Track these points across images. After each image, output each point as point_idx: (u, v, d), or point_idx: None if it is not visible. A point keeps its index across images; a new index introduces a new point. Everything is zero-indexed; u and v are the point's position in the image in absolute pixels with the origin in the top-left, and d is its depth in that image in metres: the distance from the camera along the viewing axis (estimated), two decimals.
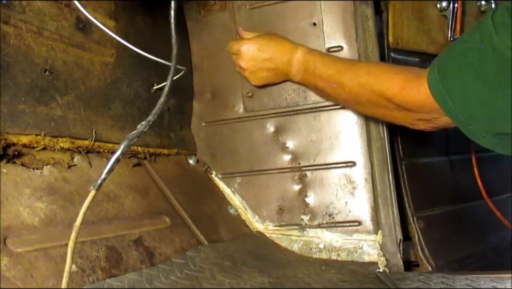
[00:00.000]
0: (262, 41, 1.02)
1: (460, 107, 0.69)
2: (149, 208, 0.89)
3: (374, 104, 0.86)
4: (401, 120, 0.85)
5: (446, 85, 0.70)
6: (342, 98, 0.96)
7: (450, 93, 0.70)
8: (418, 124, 0.83)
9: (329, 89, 0.94)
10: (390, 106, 0.83)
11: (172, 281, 0.72)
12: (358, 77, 0.88)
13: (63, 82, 0.83)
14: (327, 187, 1.07)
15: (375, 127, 1.01)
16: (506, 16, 0.60)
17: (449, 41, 1.14)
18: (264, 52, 1.02)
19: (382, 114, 0.89)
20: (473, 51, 0.66)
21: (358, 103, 0.91)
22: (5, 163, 0.70)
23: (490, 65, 0.63)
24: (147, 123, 0.59)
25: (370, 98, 0.86)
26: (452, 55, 0.72)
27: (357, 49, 1.03)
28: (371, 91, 0.85)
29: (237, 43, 1.05)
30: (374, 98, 0.85)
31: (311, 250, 1.06)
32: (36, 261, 0.62)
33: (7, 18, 0.73)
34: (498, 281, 0.82)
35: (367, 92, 0.86)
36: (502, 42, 0.60)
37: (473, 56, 0.66)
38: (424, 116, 0.79)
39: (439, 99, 0.72)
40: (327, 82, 0.93)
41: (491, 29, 0.62)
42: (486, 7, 1.18)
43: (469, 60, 0.67)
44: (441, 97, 0.71)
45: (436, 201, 1.16)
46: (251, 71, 1.05)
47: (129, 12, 0.99)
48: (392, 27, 1.07)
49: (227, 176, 1.16)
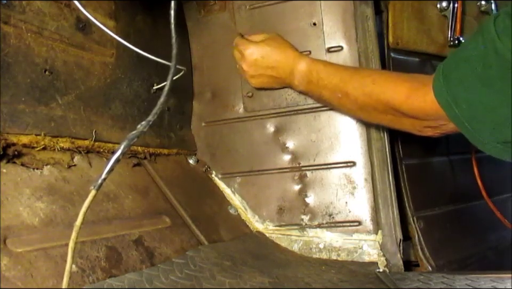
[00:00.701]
0: (266, 48, 1.02)
1: (466, 115, 0.70)
2: (149, 208, 0.89)
3: (381, 112, 0.86)
4: (408, 127, 0.85)
5: (452, 92, 0.71)
6: (347, 108, 0.96)
7: (456, 100, 0.70)
8: (425, 131, 0.83)
9: (334, 99, 0.94)
10: (397, 114, 0.83)
11: (171, 281, 0.72)
12: (363, 86, 0.88)
13: (63, 82, 0.83)
14: (327, 187, 1.07)
15: (375, 127, 1.01)
16: (507, 22, 0.61)
17: (449, 41, 1.14)
18: (268, 60, 1.01)
19: (389, 121, 0.89)
20: (477, 58, 0.66)
21: (364, 112, 0.91)
22: (5, 163, 0.70)
23: (494, 71, 0.63)
24: (147, 123, 0.59)
25: (376, 107, 0.86)
26: (455, 62, 0.72)
27: (357, 49, 1.03)
28: (377, 101, 0.85)
29: (242, 44, 1.04)
30: (380, 107, 0.85)
31: (311, 250, 1.06)
32: (36, 261, 0.62)
33: (7, 18, 0.73)
34: (498, 281, 0.81)
35: (373, 101, 0.86)
36: (505, 48, 0.60)
37: (477, 62, 0.66)
38: (431, 123, 0.79)
39: (445, 107, 0.72)
40: (332, 92, 0.94)
41: (493, 34, 0.62)
42: (486, 7, 1.18)
43: (473, 67, 0.67)
44: (447, 104, 0.72)
45: (436, 201, 1.16)
46: (251, 75, 1.05)
47: (129, 12, 0.99)
48: (392, 27, 1.07)
49: (227, 176, 1.16)
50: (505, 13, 0.62)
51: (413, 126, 0.84)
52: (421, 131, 0.84)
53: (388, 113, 0.85)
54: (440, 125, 0.78)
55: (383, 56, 1.07)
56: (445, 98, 0.72)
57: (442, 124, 0.77)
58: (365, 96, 0.87)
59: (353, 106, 0.92)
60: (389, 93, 0.83)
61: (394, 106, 0.82)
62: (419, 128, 0.83)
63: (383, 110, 0.85)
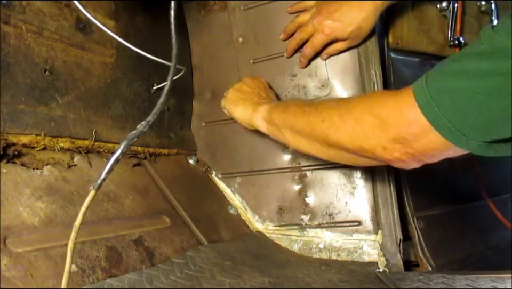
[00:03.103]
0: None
1: (449, 114, 0.63)
2: (149, 208, 0.89)
3: (346, 118, 0.76)
4: (371, 141, 0.72)
5: (434, 90, 0.64)
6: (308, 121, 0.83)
7: (439, 98, 0.64)
8: (392, 149, 0.71)
9: (300, 111, 0.86)
10: (364, 119, 0.73)
11: (171, 281, 0.72)
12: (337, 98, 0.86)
13: (63, 82, 0.83)
14: (327, 187, 1.07)
15: None
16: (506, 21, 0.60)
17: (449, 41, 1.14)
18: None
19: (351, 132, 0.75)
20: (471, 55, 0.63)
21: (326, 120, 0.79)
22: (5, 163, 0.70)
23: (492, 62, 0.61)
24: (147, 123, 0.59)
25: (344, 111, 0.77)
26: (444, 62, 0.67)
27: (357, 49, 1.03)
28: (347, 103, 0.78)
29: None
30: (348, 108, 0.77)
31: (311, 250, 1.06)
32: (36, 261, 0.62)
33: (7, 18, 0.73)
34: (498, 281, 0.81)
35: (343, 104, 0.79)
36: (502, 40, 0.59)
37: (470, 58, 0.62)
38: (401, 132, 0.68)
39: (424, 107, 0.65)
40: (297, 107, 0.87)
41: (491, 33, 0.62)
42: (486, 7, 1.17)
43: (465, 63, 0.63)
44: (427, 104, 0.64)
45: (436, 201, 1.16)
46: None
47: (129, 12, 0.99)
48: (392, 27, 1.07)
49: (227, 176, 1.16)
50: (505, 16, 0.61)
51: (379, 139, 0.71)
52: (386, 149, 0.71)
53: (352, 119, 0.75)
54: (413, 138, 0.67)
55: (383, 56, 1.07)
56: (424, 97, 0.65)
57: (416, 135, 0.67)
58: (337, 101, 0.83)
59: (316, 115, 0.81)
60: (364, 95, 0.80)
61: (365, 105, 0.74)
62: (385, 142, 0.70)
63: (349, 115, 0.75)
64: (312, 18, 1.00)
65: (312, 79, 1.08)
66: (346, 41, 1.00)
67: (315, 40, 1.00)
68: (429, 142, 0.67)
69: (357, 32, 0.97)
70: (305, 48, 1.03)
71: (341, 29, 0.97)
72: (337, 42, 1.01)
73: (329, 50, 1.03)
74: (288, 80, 1.10)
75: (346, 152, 0.79)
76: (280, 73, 1.11)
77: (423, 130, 0.66)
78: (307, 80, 1.08)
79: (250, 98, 1.00)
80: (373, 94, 0.80)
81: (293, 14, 1.08)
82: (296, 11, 1.07)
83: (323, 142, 0.81)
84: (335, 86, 1.06)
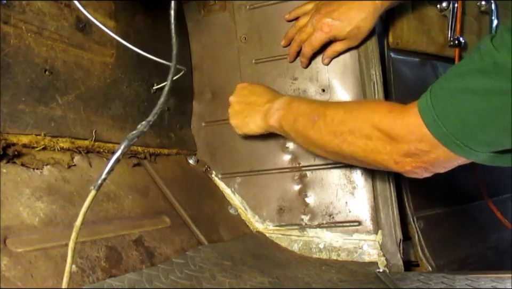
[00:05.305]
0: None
1: (455, 130, 0.65)
2: (149, 208, 0.89)
3: (356, 137, 0.79)
4: (383, 156, 0.77)
5: (440, 107, 0.66)
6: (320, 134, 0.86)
7: (445, 115, 0.66)
8: (403, 163, 0.75)
9: (309, 123, 0.88)
10: (373, 137, 0.76)
11: (171, 281, 0.72)
12: (344, 105, 0.88)
13: (63, 82, 0.83)
14: (327, 187, 1.07)
15: None
16: (506, 36, 0.60)
17: (449, 41, 1.14)
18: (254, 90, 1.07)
19: (362, 150, 0.79)
20: (472, 72, 0.63)
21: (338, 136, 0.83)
22: (5, 163, 0.70)
23: (493, 81, 0.61)
24: (147, 123, 0.59)
25: (353, 129, 0.80)
26: (447, 79, 0.68)
27: (357, 49, 1.03)
28: (356, 118, 0.80)
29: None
30: (357, 126, 0.79)
31: (311, 250, 1.06)
32: (36, 261, 0.62)
33: (7, 18, 0.72)
34: (498, 281, 0.81)
35: (351, 119, 0.81)
36: (504, 58, 0.59)
37: (472, 75, 0.63)
38: (411, 148, 0.72)
39: (430, 125, 0.67)
40: (308, 116, 0.88)
41: (491, 48, 0.61)
42: (486, 7, 1.17)
43: (467, 80, 0.64)
44: (433, 122, 0.67)
45: (436, 201, 1.16)
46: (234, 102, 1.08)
47: (129, 12, 0.99)
48: (392, 27, 1.07)
49: (227, 176, 1.16)
50: (503, 28, 0.61)
51: (391, 153, 0.75)
52: (398, 163, 0.76)
53: (363, 136, 0.78)
54: (422, 152, 0.71)
55: (383, 56, 1.07)
56: (430, 115, 0.67)
57: (425, 151, 0.70)
58: (345, 112, 0.83)
59: (327, 130, 0.84)
60: (370, 107, 0.80)
61: (374, 122, 0.76)
62: (397, 156, 0.75)
63: (359, 132, 0.78)
64: (311, 18, 1.00)
65: (313, 84, 1.08)
66: (345, 42, 1.00)
67: (313, 38, 1.00)
68: (439, 156, 0.70)
69: (355, 31, 0.97)
70: (304, 46, 1.03)
71: (340, 28, 0.97)
72: (336, 42, 1.01)
73: (329, 52, 1.03)
74: (289, 83, 1.10)
75: (359, 163, 0.86)
76: (282, 75, 1.11)
77: (432, 146, 0.69)
78: (308, 84, 1.08)
79: (252, 108, 1.03)
80: (377, 108, 0.79)
81: (291, 21, 1.08)
82: (294, 17, 1.08)
83: (337, 154, 0.86)
84: (335, 87, 1.06)
